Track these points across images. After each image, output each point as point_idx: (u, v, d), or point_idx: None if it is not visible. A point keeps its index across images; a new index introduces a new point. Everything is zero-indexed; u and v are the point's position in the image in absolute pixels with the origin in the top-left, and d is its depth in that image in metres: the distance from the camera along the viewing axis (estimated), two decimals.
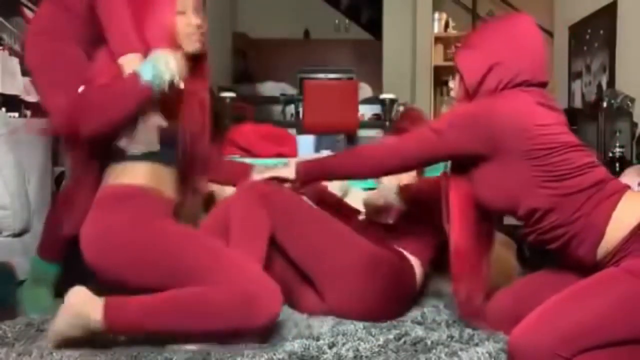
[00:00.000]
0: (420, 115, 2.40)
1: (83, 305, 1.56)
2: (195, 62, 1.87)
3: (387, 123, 4.52)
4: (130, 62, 1.74)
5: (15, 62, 2.85)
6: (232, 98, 4.29)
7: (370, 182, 2.78)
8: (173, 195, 1.81)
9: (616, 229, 1.50)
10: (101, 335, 1.57)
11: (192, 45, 1.83)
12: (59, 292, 1.85)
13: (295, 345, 1.54)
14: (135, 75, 1.68)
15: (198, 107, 1.86)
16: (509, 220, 3.98)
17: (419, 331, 1.65)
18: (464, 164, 1.70)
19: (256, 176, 1.95)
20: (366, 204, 2.22)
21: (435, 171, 2.42)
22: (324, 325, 1.76)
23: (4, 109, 2.79)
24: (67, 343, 1.56)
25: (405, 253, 2.02)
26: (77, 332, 1.56)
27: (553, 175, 1.56)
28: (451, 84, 1.83)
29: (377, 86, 5.90)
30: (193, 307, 1.55)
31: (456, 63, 1.75)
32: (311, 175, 1.90)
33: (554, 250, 1.62)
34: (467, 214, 1.71)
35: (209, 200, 2.17)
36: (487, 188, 1.65)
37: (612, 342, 1.36)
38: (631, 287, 1.39)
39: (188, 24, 1.82)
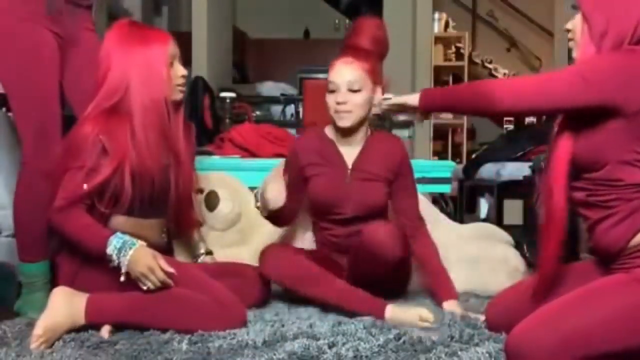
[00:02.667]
0: (379, 29, 2.32)
1: (66, 306, 1.66)
2: (176, 107, 1.96)
3: (387, 123, 4.51)
4: None
5: None
6: (232, 98, 4.29)
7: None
8: (156, 240, 1.88)
9: None
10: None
11: (178, 94, 1.93)
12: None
13: (295, 345, 1.54)
14: (103, 240, 1.71)
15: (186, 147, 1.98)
16: (509, 220, 3.97)
17: (419, 331, 1.65)
18: (578, 119, 1.52)
19: (382, 100, 1.98)
20: None
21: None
22: (324, 325, 1.76)
23: (4, 109, 2.78)
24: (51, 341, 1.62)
25: None
26: (62, 331, 1.64)
27: None
28: (569, 25, 1.59)
29: None
30: (168, 303, 1.71)
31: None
32: (435, 105, 1.77)
33: (587, 222, 1.52)
34: (565, 179, 1.53)
35: (211, 197, 2.17)
36: (588, 144, 1.50)
37: (613, 352, 1.33)
38: (638, 296, 1.35)
39: (176, 75, 1.90)
